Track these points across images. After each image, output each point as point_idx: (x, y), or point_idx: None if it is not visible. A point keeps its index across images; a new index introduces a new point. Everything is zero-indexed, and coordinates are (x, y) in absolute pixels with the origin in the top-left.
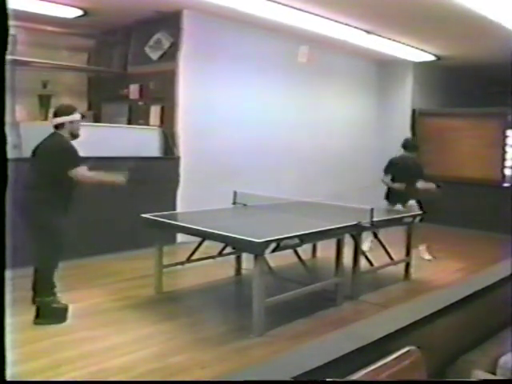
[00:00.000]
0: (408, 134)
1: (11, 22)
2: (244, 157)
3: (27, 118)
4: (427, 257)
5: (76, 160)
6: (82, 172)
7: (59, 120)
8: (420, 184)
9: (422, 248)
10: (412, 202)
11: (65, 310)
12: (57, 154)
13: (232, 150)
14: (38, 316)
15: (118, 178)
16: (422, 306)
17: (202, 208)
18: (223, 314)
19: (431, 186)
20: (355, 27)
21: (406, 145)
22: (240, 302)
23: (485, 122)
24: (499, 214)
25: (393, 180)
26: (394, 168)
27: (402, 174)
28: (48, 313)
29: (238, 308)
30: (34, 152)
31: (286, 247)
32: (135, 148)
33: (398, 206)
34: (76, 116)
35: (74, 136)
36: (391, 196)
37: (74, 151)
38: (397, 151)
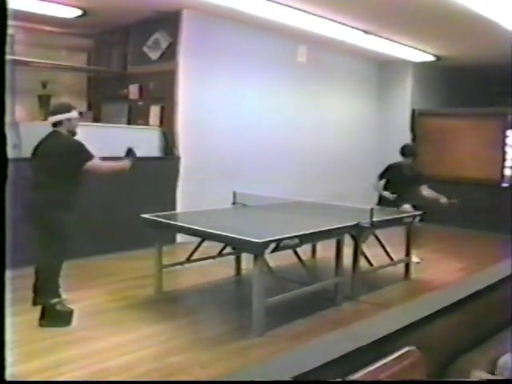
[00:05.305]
0: (408, 133)
1: (10, 22)
2: (244, 157)
3: (27, 118)
4: (415, 259)
5: (88, 152)
6: (96, 163)
7: (57, 117)
8: (426, 191)
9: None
10: (406, 206)
11: (70, 313)
12: (69, 150)
13: (232, 149)
14: (42, 317)
15: (126, 163)
16: (422, 306)
17: (201, 208)
18: (223, 314)
19: (440, 197)
20: (354, 27)
21: (403, 151)
22: (240, 302)
23: (485, 122)
24: (499, 213)
25: (387, 186)
26: (389, 174)
27: (396, 180)
28: (53, 315)
29: (237, 308)
30: (36, 151)
31: (285, 247)
32: (135, 148)
33: None
34: (74, 114)
35: (72, 133)
36: (382, 203)
37: (82, 145)
38: (396, 151)
